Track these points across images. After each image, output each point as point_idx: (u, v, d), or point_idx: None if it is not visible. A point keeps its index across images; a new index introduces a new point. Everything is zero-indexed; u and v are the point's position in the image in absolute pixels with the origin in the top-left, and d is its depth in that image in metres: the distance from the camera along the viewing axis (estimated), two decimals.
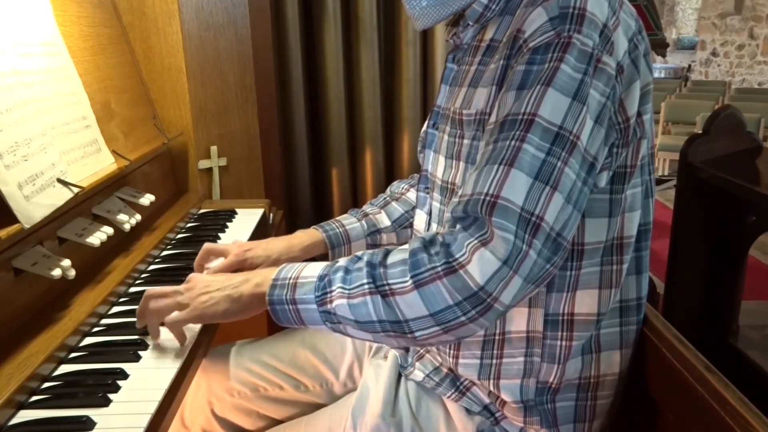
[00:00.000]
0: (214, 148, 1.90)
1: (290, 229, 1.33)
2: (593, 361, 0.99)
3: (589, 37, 0.84)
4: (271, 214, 1.77)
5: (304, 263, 0.96)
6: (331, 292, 0.89)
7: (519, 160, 0.82)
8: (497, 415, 1.03)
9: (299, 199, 2.41)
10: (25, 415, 0.85)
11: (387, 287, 0.85)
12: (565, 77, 0.83)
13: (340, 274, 0.90)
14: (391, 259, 0.87)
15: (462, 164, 0.98)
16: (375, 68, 2.29)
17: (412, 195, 1.34)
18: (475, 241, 0.80)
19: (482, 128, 0.94)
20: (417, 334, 0.85)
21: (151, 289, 1.01)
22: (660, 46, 3.32)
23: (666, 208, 4.98)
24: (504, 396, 1.00)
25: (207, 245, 1.24)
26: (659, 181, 5.00)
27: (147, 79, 1.69)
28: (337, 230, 1.29)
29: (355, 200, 2.42)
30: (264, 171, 2.05)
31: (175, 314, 0.98)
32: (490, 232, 0.80)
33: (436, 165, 1.07)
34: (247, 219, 1.66)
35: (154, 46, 1.72)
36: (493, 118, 0.89)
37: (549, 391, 0.99)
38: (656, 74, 11.24)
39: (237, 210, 1.71)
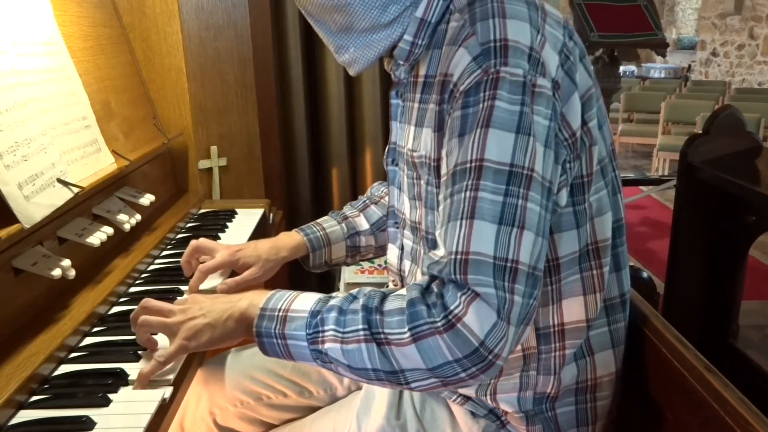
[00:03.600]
0: (214, 148, 1.90)
1: (290, 229, 1.33)
2: (588, 365, 0.99)
3: (518, 66, 0.82)
4: (271, 214, 1.77)
5: (295, 293, 0.92)
6: (323, 332, 0.86)
7: (479, 209, 0.80)
8: (503, 418, 1.02)
9: (299, 199, 2.41)
10: (25, 415, 0.85)
11: (383, 336, 0.82)
12: (502, 113, 0.81)
13: (333, 315, 0.86)
14: (388, 306, 0.84)
15: (424, 208, 0.98)
16: (375, 68, 2.29)
17: None
18: (468, 292, 0.79)
19: (432, 173, 0.93)
20: (413, 384, 0.83)
21: (147, 301, 0.98)
22: (660, 46, 3.31)
23: (666, 208, 4.98)
24: (504, 407, 1.00)
25: (194, 242, 1.23)
26: (659, 181, 5.00)
27: (147, 79, 1.69)
28: (318, 233, 1.30)
29: (354, 200, 2.41)
30: (264, 171, 2.05)
31: (161, 352, 0.94)
32: (471, 290, 0.78)
33: (402, 204, 1.07)
34: (247, 219, 1.66)
35: (154, 46, 1.72)
36: (443, 170, 0.87)
37: (547, 399, 0.99)
38: (656, 74, 11.25)
39: (237, 210, 1.71)
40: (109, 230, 1.24)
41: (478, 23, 0.85)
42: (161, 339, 0.99)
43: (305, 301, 0.90)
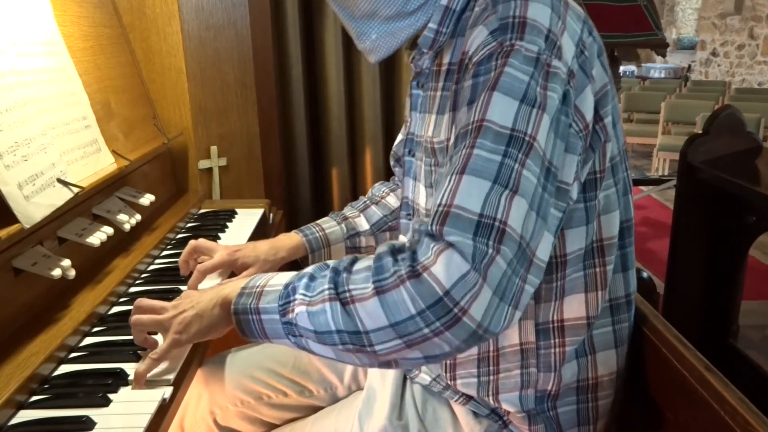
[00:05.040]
0: (214, 148, 1.91)
1: (290, 230, 1.33)
2: (589, 363, 0.99)
3: (534, 43, 0.81)
4: (271, 214, 1.77)
5: (276, 272, 0.91)
6: (294, 300, 0.84)
7: (472, 165, 0.76)
8: (505, 419, 1.02)
9: (299, 199, 2.41)
10: (25, 415, 0.85)
11: (348, 294, 0.78)
12: (510, 80, 0.79)
13: (304, 281, 0.84)
14: (357, 266, 0.81)
15: None
16: (375, 68, 2.29)
17: (391, 199, 1.35)
18: (441, 244, 0.74)
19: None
20: (377, 348, 0.77)
21: (140, 301, 0.98)
22: (660, 46, 3.31)
23: (666, 208, 4.98)
24: (506, 407, 1.00)
25: (193, 242, 1.23)
26: (659, 181, 5.00)
27: (147, 79, 1.69)
28: (317, 234, 1.29)
29: (354, 200, 2.42)
30: (264, 171, 2.05)
31: (155, 349, 0.94)
32: (445, 242, 0.74)
33: (417, 194, 1.07)
34: (247, 219, 1.66)
35: (154, 46, 1.72)
36: (452, 141, 0.86)
37: (549, 398, 0.99)
38: (656, 74, 11.25)
39: (237, 210, 1.71)
40: (109, 230, 1.24)
41: (501, 4, 0.84)
42: (160, 338, 0.99)
43: (283, 277, 0.89)
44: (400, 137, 1.24)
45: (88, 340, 1.04)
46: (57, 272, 1.04)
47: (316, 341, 0.82)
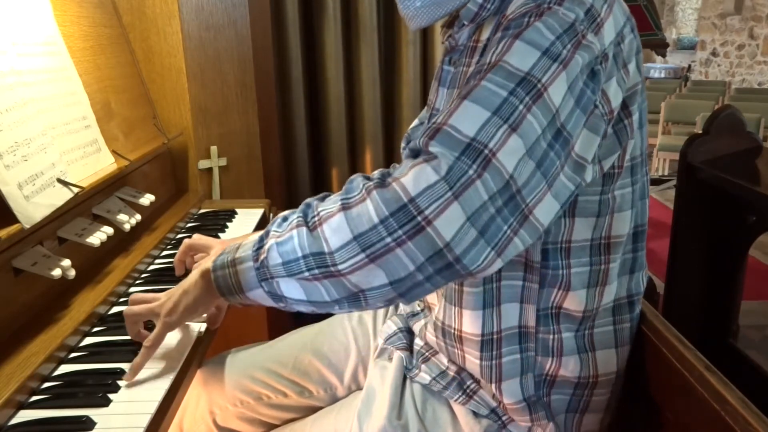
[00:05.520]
0: (214, 148, 1.91)
1: None
2: (590, 361, 0.99)
3: (572, 11, 0.79)
4: (271, 214, 1.77)
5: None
6: (266, 241, 0.83)
7: (476, 93, 0.74)
8: (504, 418, 1.02)
9: (299, 199, 2.40)
10: (25, 415, 0.85)
11: (316, 218, 0.78)
12: (536, 33, 0.78)
13: (278, 221, 0.85)
14: (330, 197, 0.81)
15: None
16: (375, 68, 2.29)
17: None
18: (418, 160, 0.73)
19: None
20: (340, 266, 0.75)
21: (134, 295, 1.01)
22: (660, 46, 3.32)
23: (666, 208, 4.98)
24: (506, 399, 1.00)
25: (187, 241, 1.23)
26: (659, 181, 5.00)
27: (147, 79, 1.69)
28: None
29: None
30: (264, 171, 2.05)
31: (148, 338, 0.95)
32: (425, 156, 0.72)
33: None
34: (247, 219, 1.66)
35: (154, 46, 1.72)
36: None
37: (545, 383, 0.99)
38: (656, 74, 11.24)
39: (237, 210, 1.71)
40: (109, 230, 1.24)
41: None
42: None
43: (262, 231, 0.89)
44: (416, 122, 1.23)
45: (88, 340, 1.04)
46: (57, 272, 1.04)
47: (285, 276, 0.80)
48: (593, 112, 0.82)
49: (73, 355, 0.99)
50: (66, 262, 1.07)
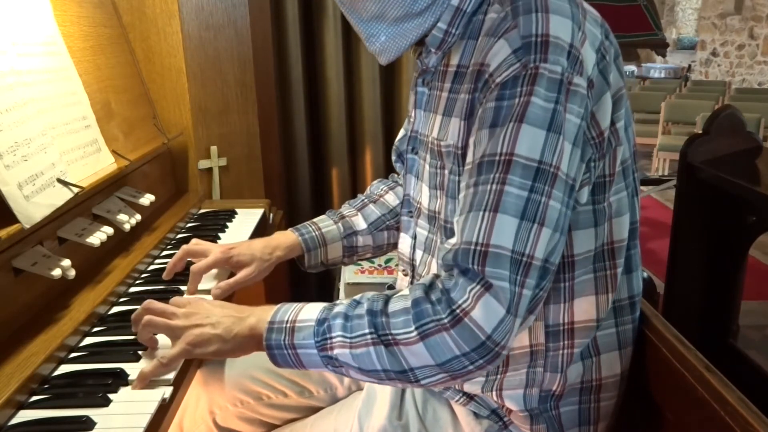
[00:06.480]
0: (214, 148, 1.90)
1: None
2: (594, 365, 0.99)
3: (557, 63, 0.82)
4: (271, 214, 1.77)
5: (301, 304, 0.93)
6: (331, 338, 0.87)
7: (503, 203, 0.81)
8: (505, 419, 1.02)
9: (299, 199, 2.41)
10: (25, 415, 0.85)
11: (390, 337, 0.84)
12: (537, 110, 0.82)
13: (339, 321, 0.88)
14: (392, 307, 0.86)
15: (445, 197, 0.98)
16: (375, 68, 2.29)
17: (390, 197, 1.34)
18: (477, 287, 0.80)
19: (458, 162, 0.93)
20: (423, 381, 0.85)
21: (151, 302, 0.98)
22: (660, 46, 3.32)
23: (666, 208, 4.98)
24: (509, 405, 0.99)
25: (185, 247, 1.22)
26: (659, 181, 5.00)
27: (147, 79, 1.69)
28: (314, 233, 1.28)
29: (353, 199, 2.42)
30: (264, 171, 2.05)
31: (163, 353, 0.93)
32: (486, 281, 0.80)
33: (420, 193, 1.06)
34: (247, 219, 1.66)
35: (154, 46, 1.72)
36: (469, 158, 0.87)
37: (552, 398, 0.99)
38: (656, 74, 11.25)
39: (237, 210, 1.71)
40: (109, 230, 1.24)
41: (521, 16, 0.84)
42: (161, 338, 0.99)
43: (311, 311, 0.91)
44: (402, 132, 1.24)
45: (88, 340, 1.04)
46: (57, 272, 1.04)
47: (359, 374, 0.88)
48: (584, 141, 0.87)
49: (73, 355, 0.99)
50: (66, 262, 1.07)
